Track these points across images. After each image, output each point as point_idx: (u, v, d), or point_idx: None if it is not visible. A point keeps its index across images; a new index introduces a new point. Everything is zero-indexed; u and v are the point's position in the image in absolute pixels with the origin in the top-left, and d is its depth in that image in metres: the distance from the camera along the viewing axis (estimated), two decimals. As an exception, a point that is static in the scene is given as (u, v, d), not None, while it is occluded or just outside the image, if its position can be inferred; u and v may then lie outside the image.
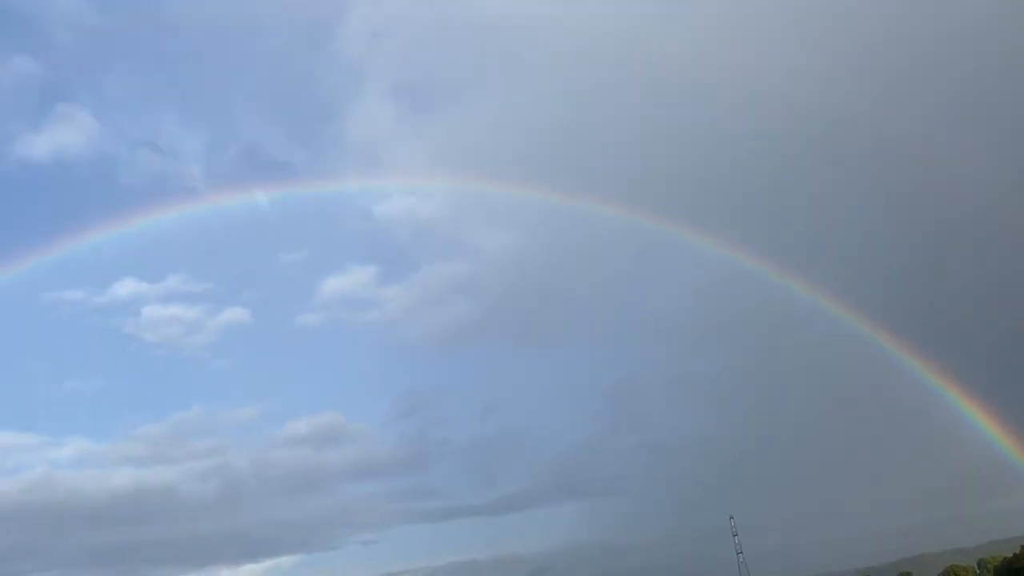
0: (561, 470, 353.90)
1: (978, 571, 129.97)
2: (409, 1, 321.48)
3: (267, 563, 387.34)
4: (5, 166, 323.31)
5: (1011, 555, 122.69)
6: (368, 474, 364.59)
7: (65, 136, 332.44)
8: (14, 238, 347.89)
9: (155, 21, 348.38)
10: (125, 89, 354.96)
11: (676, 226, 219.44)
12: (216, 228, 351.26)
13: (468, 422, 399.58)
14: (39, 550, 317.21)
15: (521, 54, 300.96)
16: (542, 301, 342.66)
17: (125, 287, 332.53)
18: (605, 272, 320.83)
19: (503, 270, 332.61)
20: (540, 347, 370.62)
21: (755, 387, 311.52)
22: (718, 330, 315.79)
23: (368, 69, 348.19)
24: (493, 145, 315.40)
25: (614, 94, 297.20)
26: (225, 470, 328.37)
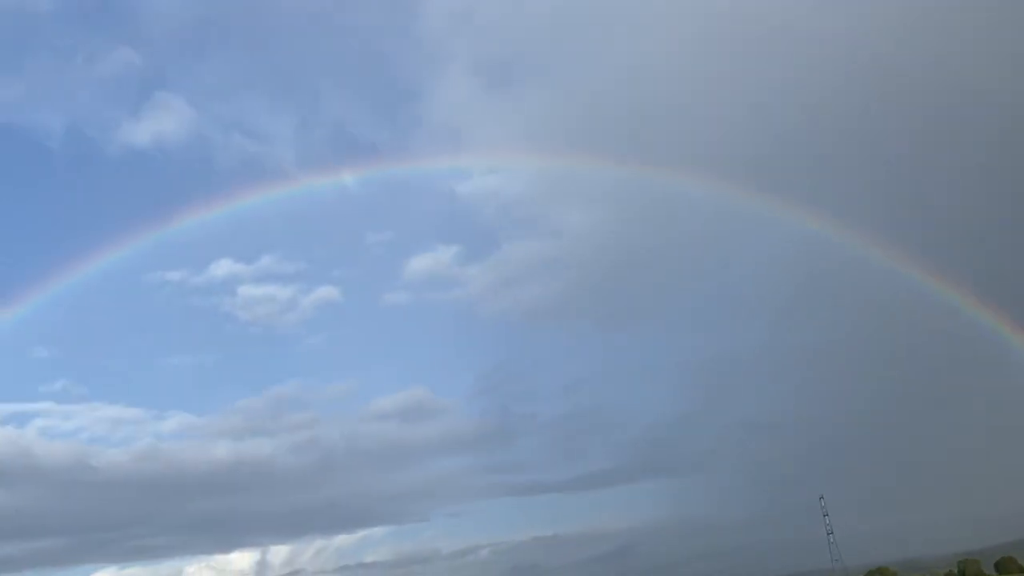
0: (647, 448, 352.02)
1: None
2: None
3: (359, 534, 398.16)
4: (110, 152, 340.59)
5: None
6: (454, 448, 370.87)
7: (163, 123, 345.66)
8: (118, 221, 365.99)
9: (244, 8, 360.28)
10: (218, 75, 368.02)
11: (767, 200, 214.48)
12: (306, 209, 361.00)
13: (553, 398, 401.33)
14: (149, 517, 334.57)
15: (604, 29, 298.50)
16: (627, 278, 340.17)
17: (222, 267, 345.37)
18: (692, 247, 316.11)
19: (586, 247, 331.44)
20: (626, 324, 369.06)
21: (849, 362, 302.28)
22: (810, 304, 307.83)
23: (451, 48, 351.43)
24: (576, 122, 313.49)
25: (702, 68, 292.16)
26: (318, 443, 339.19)
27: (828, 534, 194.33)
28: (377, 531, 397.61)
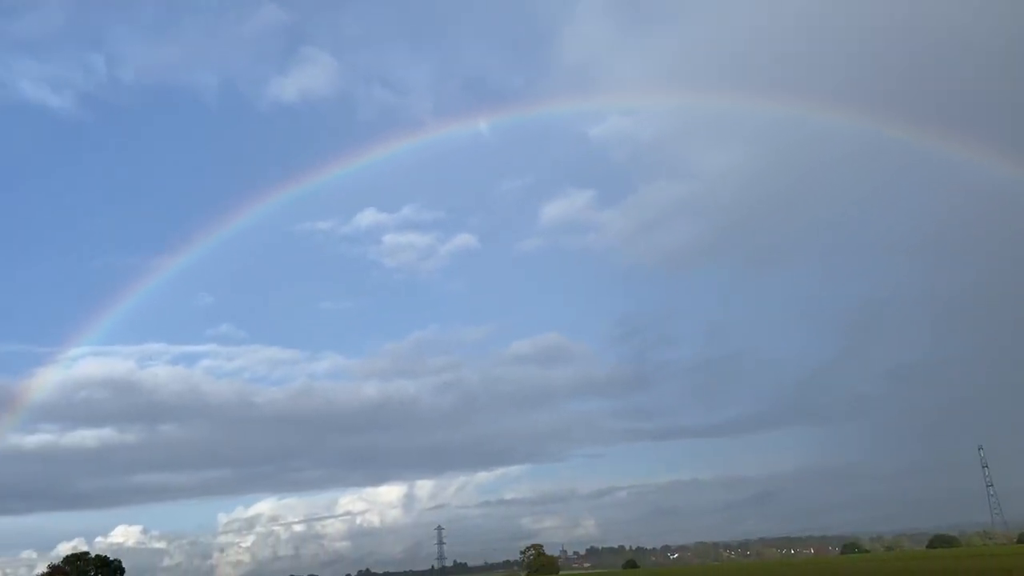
0: (791, 394, 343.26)
1: None
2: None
3: (498, 471, 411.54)
4: (260, 108, 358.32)
5: None
6: (591, 392, 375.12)
7: (309, 77, 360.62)
8: (270, 174, 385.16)
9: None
10: (359, 28, 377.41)
11: (918, 136, 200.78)
12: (443, 158, 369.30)
13: (691, 344, 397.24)
14: (305, 451, 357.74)
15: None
16: (773, 219, 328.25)
17: (367, 217, 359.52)
18: (845, 187, 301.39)
19: (727, 189, 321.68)
20: (771, 267, 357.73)
21: (1010, 307, 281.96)
22: (970, 247, 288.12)
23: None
24: (716, 58, 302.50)
25: (845, 3, 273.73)
26: (459, 385, 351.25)
27: (987, 487, 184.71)
28: (516, 469, 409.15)
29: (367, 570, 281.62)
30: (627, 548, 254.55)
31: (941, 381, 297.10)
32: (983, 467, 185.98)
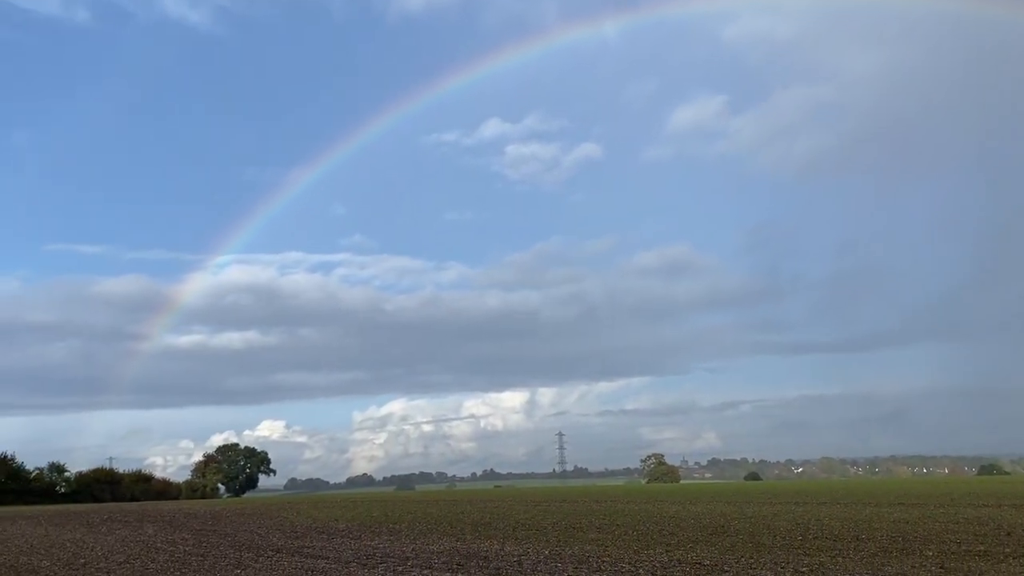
0: (928, 311, 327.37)
1: None
2: None
3: (619, 382, 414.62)
4: (387, 18, 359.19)
5: None
6: (716, 305, 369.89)
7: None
8: (397, 85, 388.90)
9: None
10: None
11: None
12: (567, 65, 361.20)
13: (824, 257, 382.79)
14: (432, 356, 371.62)
15: None
16: (913, 127, 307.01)
17: (490, 128, 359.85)
18: (998, 91, 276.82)
19: (869, 94, 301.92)
20: (912, 178, 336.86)
21: None
22: None
23: None
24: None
25: None
26: (582, 297, 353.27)
27: None
28: (637, 381, 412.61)
29: (491, 470, 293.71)
30: (749, 460, 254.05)
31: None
32: None
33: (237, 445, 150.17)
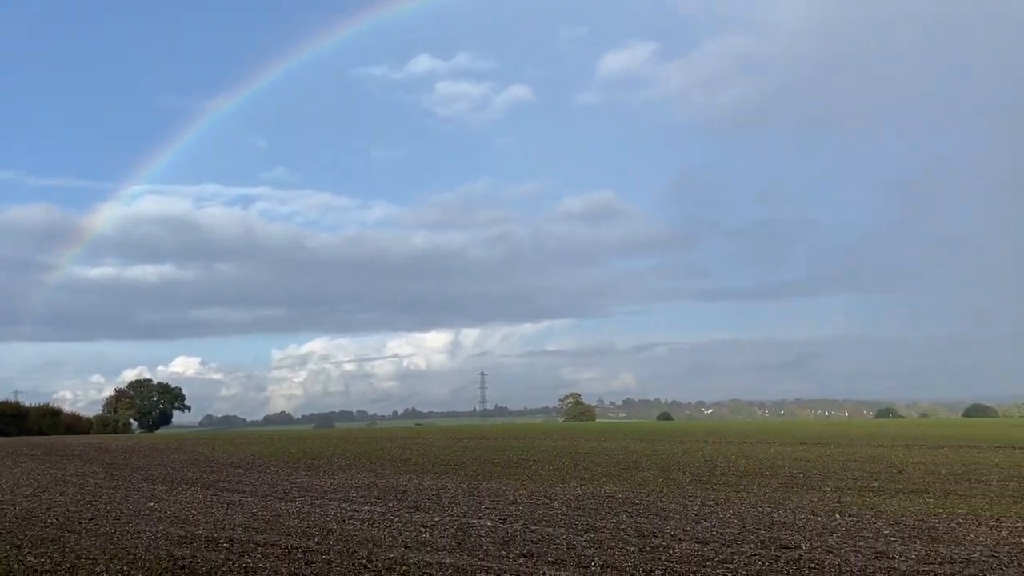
0: (840, 261, 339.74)
1: None
2: None
3: (543, 324, 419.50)
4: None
5: None
6: (639, 251, 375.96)
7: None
8: (324, 15, 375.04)
9: None
10: None
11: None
12: (501, 3, 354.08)
13: (743, 206, 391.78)
14: (356, 296, 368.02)
15: None
16: (838, 79, 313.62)
17: (421, 63, 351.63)
18: (914, 49, 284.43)
19: (794, 46, 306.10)
20: (831, 130, 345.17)
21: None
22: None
23: None
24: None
25: None
26: (508, 239, 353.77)
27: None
28: (560, 323, 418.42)
29: (413, 409, 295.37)
30: (662, 401, 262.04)
31: (995, 254, 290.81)
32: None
33: (150, 381, 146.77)
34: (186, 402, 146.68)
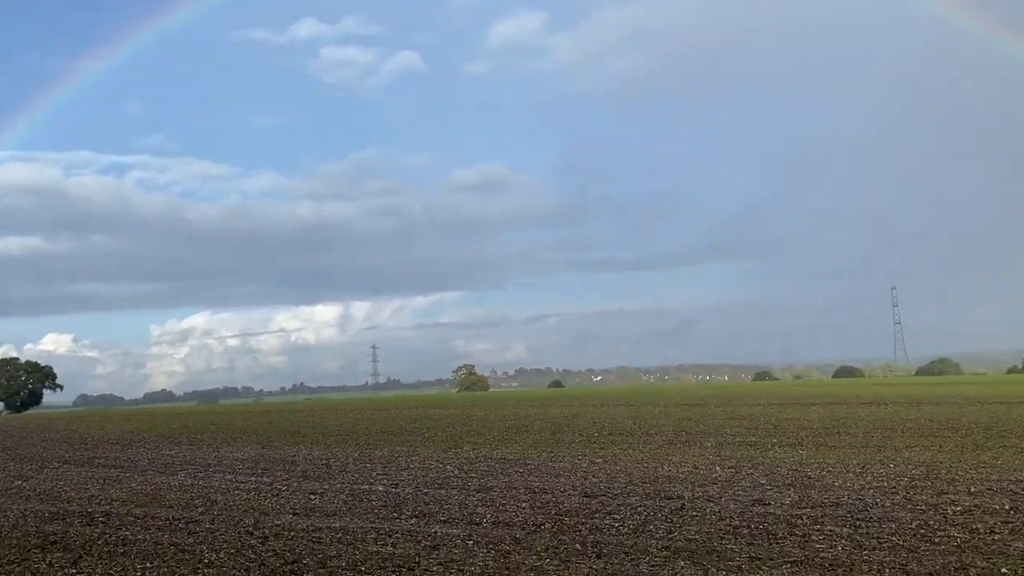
0: (721, 231, 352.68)
1: None
2: None
3: (434, 296, 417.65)
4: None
5: None
6: (530, 223, 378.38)
7: None
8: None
9: None
10: None
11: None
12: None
13: (632, 178, 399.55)
14: (238, 268, 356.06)
15: None
16: (718, 54, 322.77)
17: (305, 27, 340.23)
18: (797, 28, 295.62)
19: (683, 20, 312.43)
20: (711, 103, 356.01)
21: (937, 154, 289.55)
22: (907, 92, 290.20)
23: None
24: None
25: None
26: (398, 210, 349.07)
27: (895, 324, 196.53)
28: (452, 295, 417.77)
29: (302, 384, 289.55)
30: (554, 370, 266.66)
31: (863, 224, 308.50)
32: (893, 306, 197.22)
33: (17, 359, 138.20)
34: (58, 381, 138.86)
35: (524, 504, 14.22)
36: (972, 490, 14.13)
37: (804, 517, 12.43)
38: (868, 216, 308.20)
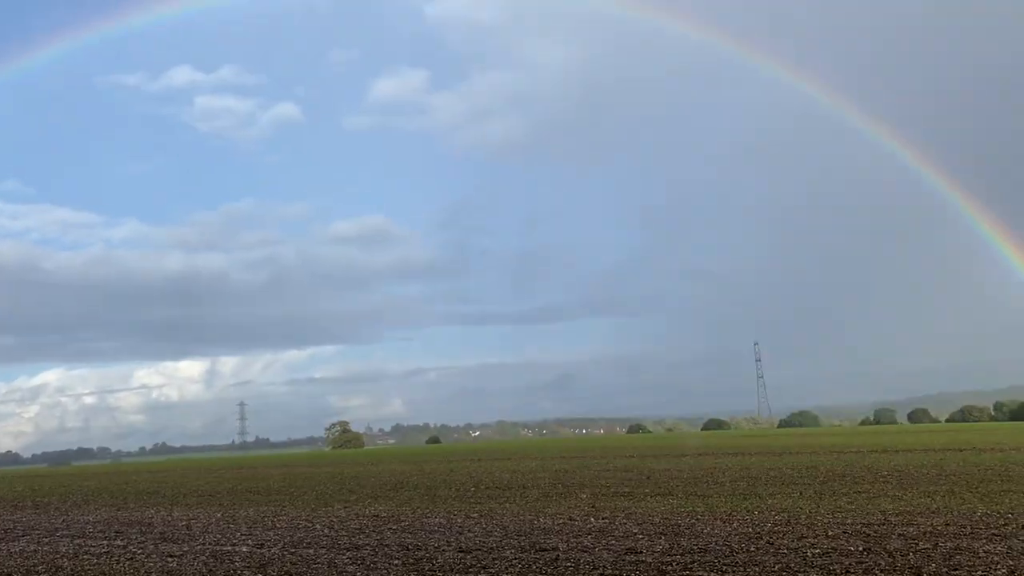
0: (596, 287, 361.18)
1: (994, 413, 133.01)
2: None
3: (309, 350, 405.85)
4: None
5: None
6: (409, 276, 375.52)
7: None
8: (71, 16, 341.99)
9: None
10: None
11: (747, 50, 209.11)
12: (270, 19, 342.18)
13: (509, 234, 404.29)
14: (98, 321, 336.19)
15: None
16: (597, 119, 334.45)
17: (180, 75, 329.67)
18: (664, 90, 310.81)
19: (559, 84, 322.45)
20: (588, 165, 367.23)
21: (797, 218, 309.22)
22: (769, 160, 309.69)
23: None
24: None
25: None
26: (274, 262, 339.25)
27: (759, 378, 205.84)
28: (328, 349, 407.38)
29: (163, 444, 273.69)
30: (432, 426, 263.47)
31: (729, 282, 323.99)
32: (756, 360, 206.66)
33: None
34: None
35: (396, 562, 13.82)
36: (829, 533, 14.75)
37: (674, 564, 12.62)
38: (732, 274, 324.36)
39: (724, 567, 12.11)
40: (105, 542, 17.93)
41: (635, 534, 15.71)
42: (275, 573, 13.22)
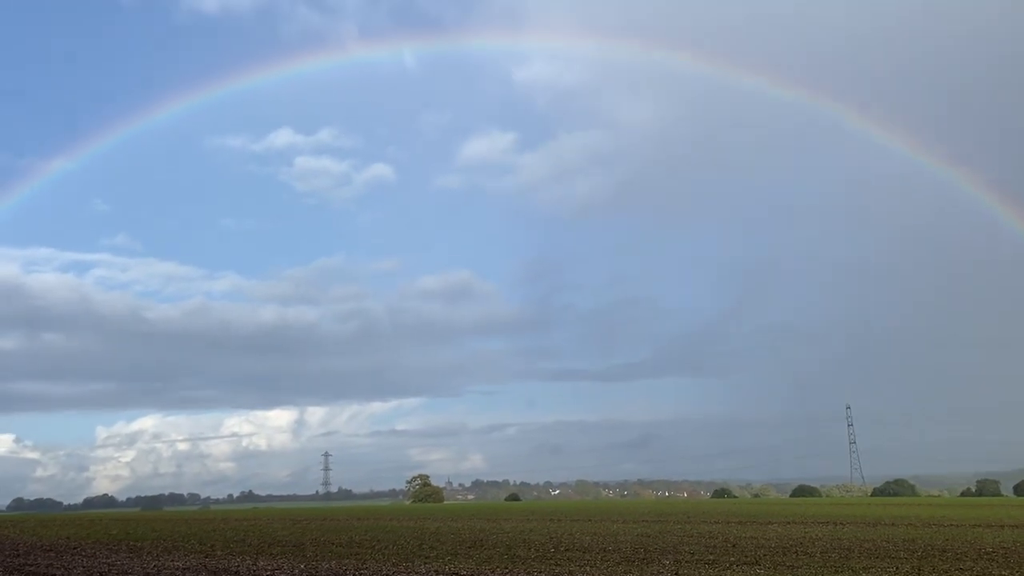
0: (680, 344, 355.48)
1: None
2: None
3: (392, 402, 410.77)
4: (178, 17, 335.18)
5: None
6: (492, 331, 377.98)
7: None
8: (183, 83, 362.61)
9: None
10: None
11: (837, 106, 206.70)
12: (366, 85, 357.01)
13: (593, 291, 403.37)
14: (195, 370, 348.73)
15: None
16: (680, 176, 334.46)
17: (281, 137, 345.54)
18: (751, 149, 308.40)
19: (642, 142, 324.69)
20: (674, 222, 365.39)
21: (890, 275, 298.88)
22: (860, 218, 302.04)
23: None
24: (643, 9, 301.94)
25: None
26: (362, 315, 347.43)
27: (850, 443, 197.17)
28: (410, 402, 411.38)
29: (250, 492, 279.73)
30: (511, 483, 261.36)
31: (818, 342, 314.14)
32: (848, 425, 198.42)
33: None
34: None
35: (476, 622, 13.75)
36: (928, 614, 14.01)
37: (761, 640, 12.18)
38: (823, 333, 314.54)
39: (814, 645, 11.62)
40: (194, 589, 18.40)
41: (720, 605, 15.24)
42: (356, 629, 13.32)
